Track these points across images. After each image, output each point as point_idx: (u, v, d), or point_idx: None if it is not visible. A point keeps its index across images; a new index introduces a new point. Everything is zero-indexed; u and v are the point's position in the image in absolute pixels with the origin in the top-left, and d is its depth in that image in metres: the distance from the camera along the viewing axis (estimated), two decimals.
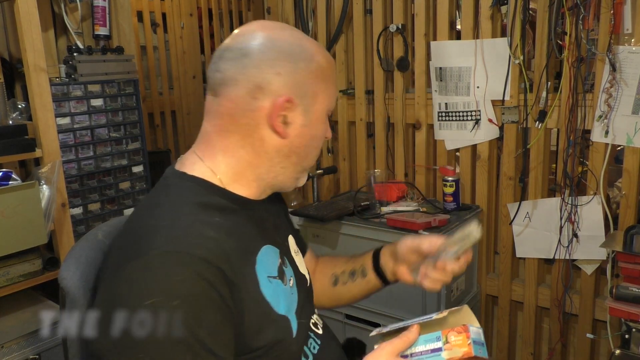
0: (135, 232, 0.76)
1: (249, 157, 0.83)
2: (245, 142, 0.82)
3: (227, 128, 0.82)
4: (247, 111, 0.80)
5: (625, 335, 1.35)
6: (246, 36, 0.81)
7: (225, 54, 0.81)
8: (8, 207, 1.52)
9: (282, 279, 0.86)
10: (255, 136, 0.82)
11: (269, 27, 0.83)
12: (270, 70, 0.78)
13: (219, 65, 0.81)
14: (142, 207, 0.83)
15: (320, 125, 0.86)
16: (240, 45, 0.80)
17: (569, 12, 1.65)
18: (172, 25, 3.24)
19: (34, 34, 1.63)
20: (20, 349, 1.58)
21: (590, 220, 1.77)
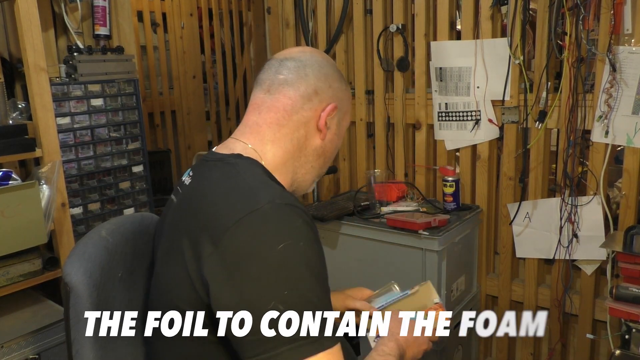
0: (236, 191, 0.81)
1: (293, 149, 0.95)
2: (293, 136, 0.95)
3: (280, 122, 0.93)
4: (301, 109, 0.94)
5: (625, 336, 1.35)
6: (306, 53, 0.98)
7: (287, 62, 0.95)
8: (8, 207, 1.52)
9: None
10: (302, 132, 0.95)
11: (319, 52, 1.02)
12: (326, 81, 0.96)
13: (281, 70, 0.95)
14: (220, 178, 0.86)
15: (341, 138, 1.03)
16: (301, 58, 0.96)
17: (569, 13, 1.65)
18: (172, 25, 3.24)
19: (34, 34, 1.63)
20: (20, 349, 1.58)
21: (590, 221, 1.77)
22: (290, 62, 0.96)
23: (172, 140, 3.33)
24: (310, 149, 0.97)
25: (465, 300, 1.95)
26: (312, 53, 0.99)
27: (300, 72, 0.95)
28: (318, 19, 2.35)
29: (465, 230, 1.90)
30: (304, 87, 0.94)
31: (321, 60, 0.99)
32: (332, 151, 1.01)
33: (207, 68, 3.50)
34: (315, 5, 2.35)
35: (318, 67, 0.97)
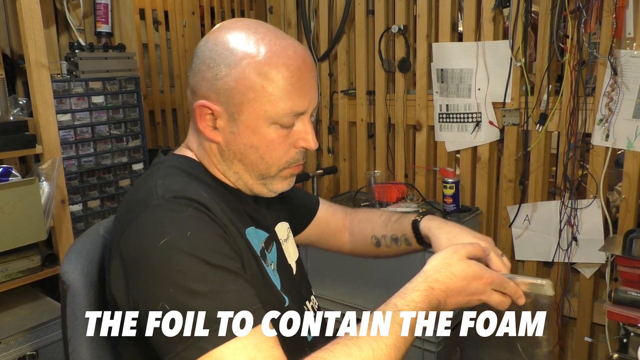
0: (135, 196, 0.79)
1: (205, 156, 0.87)
2: (199, 141, 0.87)
3: (192, 125, 0.88)
4: (192, 111, 0.85)
5: (624, 339, 1.35)
6: (206, 36, 0.84)
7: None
8: (8, 203, 1.52)
9: (265, 260, 0.88)
10: (202, 135, 0.85)
11: (220, 27, 0.83)
12: (199, 74, 0.81)
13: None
14: (139, 181, 0.86)
15: (256, 135, 0.81)
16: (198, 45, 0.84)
17: (571, 16, 1.65)
18: (174, 24, 3.24)
19: (35, 31, 1.63)
20: (18, 345, 1.58)
21: (590, 224, 1.77)
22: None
23: (172, 139, 3.33)
24: (217, 153, 0.85)
25: None
26: (207, 34, 0.84)
27: (190, 67, 0.84)
28: (320, 19, 2.35)
29: None
30: (189, 85, 0.84)
31: (201, 45, 0.83)
32: (242, 152, 0.83)
33: None
34: (317, 5, 2.35)
35: (195, 57, 0.83)
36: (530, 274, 1.95)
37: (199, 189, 0.79)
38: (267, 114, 0.80)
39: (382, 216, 1.14)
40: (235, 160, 0.84)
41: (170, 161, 0.86)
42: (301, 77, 0.81)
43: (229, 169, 0.86)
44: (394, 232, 1.10)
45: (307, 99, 0.82)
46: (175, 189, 0.76)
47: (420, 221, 1.05)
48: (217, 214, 0.77)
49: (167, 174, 0.81)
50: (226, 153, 0.84)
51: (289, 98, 0.80)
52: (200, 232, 0.72)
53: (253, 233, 0.88)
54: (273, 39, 0.80)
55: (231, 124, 0.82)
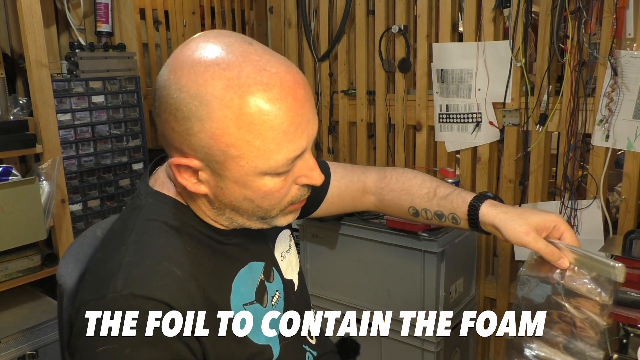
0: (99, 268, 0.72)
1: (190, 201, 0.76)
2: (182, 188, 0.75)
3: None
4: (167, 161, 0.74)
5: (623, 340, 1.34)
6: (162, 69, 0.69)
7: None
8: (7, 203, 1.52)
9: (262, 300, 0.82)
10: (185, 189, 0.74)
11: (180, 61, 0.66)
12: (167, 124, 0.67)
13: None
14: (112, 233, 0.78)
15: (249, 189, 0.70)
16: (157, 80, 0.70)
17: (572, 16, 1.65)
18: (175, 23, 3.24)
19: (36, 30, 1.63)
20: (17, 345, 1.58)
21: (590, 224, 1.77)
22: (155, 83, 0.70)
23: None
24: (206, 202, 0.75)
25: (463, 303, 1.95)
26: (166, 66, 0.68)
27: (153, 107, 0.71)
28: (320, 19, 2.35)
29: (465, 232, 1.90)
30: (158, 128, 0.71)
31: (166, 83, 0.67)
32: (236, 204, 0.72)
33: None
34: (318, 5, 2.35)
35: (159, 97, 0.68)
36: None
37: (174, 267, 0.70)
38: (257, 169, 0.67)
39: (422, 187, 0.98)
40: (227, 210, 0.74)
41: (152, 212, 0.75)
42: (295, 116, 0.66)
43: (221, 216, 0.76)
44: (440, 209, 0.95)
45: (304, 137, 0.69)
46: (137, 279, 0.67)
47: (480, 207, 0.89)
48: (183, 308, 0.67)
49: (140, 242, 0.72)
50: (216, 204, 0.73)
51: (282, 147, 0.67)
52: (143, 349, 0.64)
53: (247, 272, 0.81)
54: (252, 73, 0.64)
55: (216, 178, 0.69)
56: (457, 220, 0.94)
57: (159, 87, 0.68)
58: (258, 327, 0.79)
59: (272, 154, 0.66)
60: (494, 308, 2.12)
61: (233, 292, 0.77)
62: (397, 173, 1.02)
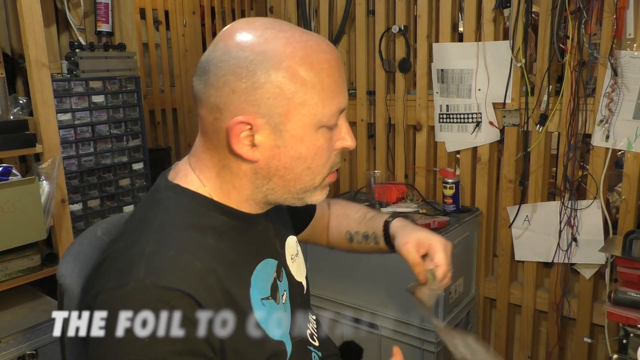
0: (120, 257, 0.73)
1: (229, 178, 0.77)
2: (223, 163, 0.77)
3: (207, 146, 0.78)
4: (214, 132, 0.75)
5: (623, 340, 1.34)
6: (211, 47, 0.74)
7: (197, 68, 0.75)
8: (7, 202, 1.52)
9: (275, 296, 0.83)
10: (230, 157, 0.75)
11: (235, 31, 0.73)
12: (225, 88, 0.70)
13: (193, 81, 0.76)
14: (132, 225, 0.78)
15: (305, 143, 0.74)
16: (204, 58, 0.74)
17: (572, 16, 1.65)
18: (175, 23, 3.24)
19: (36, 30, 1.63)
20: (17, 345, 1.58)
21: (590, 225, 1.77)
22: (198, 66, 0.75)
23: (172, 138, 3.33)
24: (250, 173, 0.76)
25: (463, 303, 1.95)
26: (216, 43, 0.73)
27: (201, 83, 0.73)
28: (320, 19, 2.35)
29: (465, 232, 1.90)
30: (206, 103, 0.73)
31: (220, 54, 0.72)
32: (287, 167, 0.75)
33: None
34: (318, 5, 2.35)
35: (214, 68, 0.72)
36: (530, 274, 1.95)
37: (194, 259, 0.71)
38: (316, 117, 0.73)
39: (358, 212, 1.13)
40: (274, 177, 0.76)
41: (172, 206, 0.77)
42: (339, 70, 0.76)
43: (261, 188, 0.77)
44: (366, 230, 1.09)
45: (345, 93, 0.78)
46: (160, 270, 0.68)
47: (390, 222, 1.05)
48: (203, 299, 0.69)
49: (161, 234, 0.73)
50: (264, 171, 0.75)
51: (335, 96, 0.74)
52: (161, 340, 0.65)
53: (264, 267, 0.82)
54: (303, 35, 0.73)
55: (275, 136, 0.72)
56: (377, 240, 1.07)
57: (214, 57, 0.72)
58: (272, 323, 0.80)
59: (329, 101, 0.74)
60: (493, 308, 2.13)
61: (252, 285, 0.78)
62: (344, 202, 1.18)
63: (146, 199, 0.82)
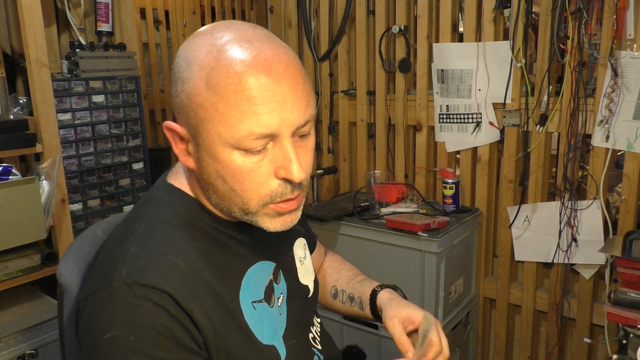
0: (107, 257, 0.74)
1: (191, 182, 0.78)
2: (184, 166, 0.78)
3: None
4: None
5: (623, 341, 1.34)
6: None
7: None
8: (7, 202, 1.52)
9: (270, 299, 0.82)
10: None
11: (194, 33, 0.71)
12: (170, 90, 0.71)
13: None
14: (124, 222, 0.79)
15: (219, 162, 0.68)
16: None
17: (572, 17, 1.65)
18: (175, 23, 3.24)
19: (36, 29, 1.63)
20: (17, 344, 1.58)
21: (590, 225, 1.77)
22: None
23: None
24: (194, 179, 0.76)
25: (463, 303, 1.95)
26: (190, 38, 0.71)
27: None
28: (320, 19, 2.35)
29: (465, 232, 1.90)
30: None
31: (182, 49, 0.70)
32: (211, 181, 0.71)
33: None
34: (318, 5, 2.35)
35: (174, 63, 0.71)
36: (530, 274, 1.95)
37: (179, 260, 0.70)
38: (222, 137, 0.66)
39: (350, 271, 1.09)
40: (210, 191, 0.73)
41: (162, 205, 0.77)
42: (264, 89, 0.64)
43: (211, 199, 0.75)
44: (353, 292, 1.04)
45: (274, 117, 0.65)
46: (142, 269, 0.68)
47: (379, 292, 0.98)
48: (185, 300, 0.68)
49: (147, 233, 0.73)
50: (201, 182, 0.73)
51: (245, 117, 0.64)
52: (147, 336, 0.65)
53: (257, 270, 0.81)
54: (235, 42, 0.65)
55: (196, 149, 0.70)
56: (362, 306, 1.01)
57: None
58: (263, 326, 0.79)
59: (235, 121, 0.65)
60: (493, 309, 2.13)
61: (242, 289, 0.77)
62: (336, 256, 1.14)
63: (143, 197, 0.83)
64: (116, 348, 0.65)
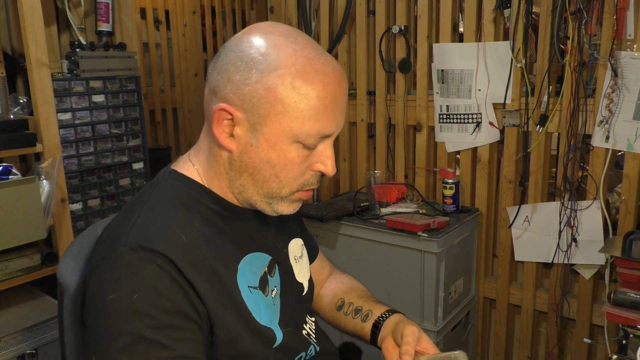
0: (114, 230, 0.77)
1: (214, 163, 0.81)
2: (210, 147, 0.81)
3: (205, 127, 0.83)
4: (207, 112, 0.79)
5: (623, 341, 1.34)
6: (237, 35, 0.79)
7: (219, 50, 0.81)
8: (8, 202, 1.52)
9: (264, 289, 0.84)
10: (214, 142, 0.80)
11: (255, 29, 0.77)
12: (224, 75, 0.75)
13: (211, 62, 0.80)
14: (127, 205, 0.83)
15: (276, 151, 0.75)
16: (226, 43, 0.79)
17: (572, 17, 1.65)
18: (175, 23, 3.24)
19: (36, 29, 1.63)
20: (17, 344, 1.58)
21: (590, 225, 1.77)
22: (222, 47, 0.79)
23: (172, 138, 3.33)
24: (226, 162, 0.79)
25: (463, 303, 1.95)
26: (243, 33, 0.77)
27: (214, 61, 0.78)
28: (321, 19, 2.35)
29: (465, 232, 1.90)
30: (208, 84, 0.78)
31: (232, 44, 0.76)
32: (256, 166, 0.77)
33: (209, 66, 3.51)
34: (318, 5, 2.35)
35: (224, 56, 0.76)
36: (530, 275, 1.96)
37: (181, 233, 0.74)
38: (292, 131, 0.74)
39: (364, 290, 1.08)
40: (245, 174, 0.78)
41: (166, 188, 0.81)
42: (335, 98, 0.76)
43: (235, 181, 0.80)
44: (362, 305, 1.02)
45: (335, 123, 0.77)
46: (147, 236, 0.72)
47: (389, 316, 0.97)
48: (187, 269, 0.71)
49: (152, 209, 0.77)
50: (237, 164, 0.78)
51: (318, 118, 0.75)
52: (148, 297, 0.68)
53: (253, 259, 0.84)
54: (312, 53, 0.75)
55: (251, 134, 0.75)
56: (366, 319, 0.99)
57: (229, 45, 0.76)
58: (259, 309, 0.82)
59: (310, 121, 0.75)
60: (493, 309, 2.13)
61: (239, 272, 0.80)
62: (349, 275, 1.13)
63: (147, 183, 0.87)
64: (118, 308, 0.67)
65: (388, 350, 0.91)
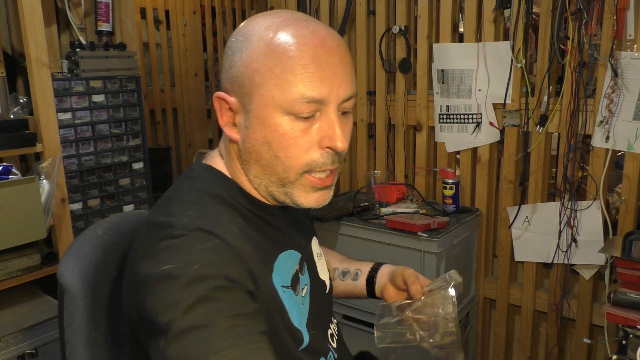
0: (160, 221, 0.73)
1: (230, 158, 0.80)
2: (225, 143, 0.81)
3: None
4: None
5: (623, 341, 1.34)
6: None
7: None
8: (7, 202, 1.52)
9: (295, 288, 0.83)
10: (225, 136, 0.80)
11: (249, 18, 0.77)
12: (221, 67, 0.77)
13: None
14: (167, 198, 0.79)
15: (267, 127, 0.72)
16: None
17: (572, 17, 1.65)
18: (175, 23, 3.24)
19: (36, 29, 1.63)
20: (17, 344, 1.58)
21: (590, 225, 1.77)
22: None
23: (172, 138, 3.33)
24: (235, 155, 0.79)
25: (463, 303, 1.95)
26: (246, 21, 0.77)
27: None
28: (321, 19, 2.35)
29: (465, 232, 1.90)
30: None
31: (240, 28, 0.76)
32: (256, 150, 0.74)
33: (209, 66, 3.50)
34: (319, 5, 2.35)
35: (231, 40, 0.76)
36: (530, 275, 1.96)
37: (231, 224, 0.73)
38: (275, 100, 0.70)
39: (340, 254, 1.16)
40: (252, 162, 0.76)
41: (203, 181, 0.79)
42: (316, 58, 0.70)
43: (250, 174, 0.78)
44: (347, 267, 1.09)
45: (326, 85, 0.71)
46: (202, 222, 0.70)
47: (379, 268, 1.06)
48: (245, 254, 0.71)
49: (197, 202, 0.75)
50: (243, 154, 0.76)
51: (299, 80, 0.70)
52: (211, 264, 0.65)
53: (287, 257, 0.83)
54: (294, 22, 0.72)
55: (245, 117, 0.74)
56: (357, 277, 1.06)
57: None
58: (292, 309, 0.81)
59: (289, 85, 0.70)
60: (493, 309, 2.13)
61: (275, 270, 0.79)
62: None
63: (180, 178, 0.84)
64: (178, 275, 0.63)
65: (391, 296, 1.00)
